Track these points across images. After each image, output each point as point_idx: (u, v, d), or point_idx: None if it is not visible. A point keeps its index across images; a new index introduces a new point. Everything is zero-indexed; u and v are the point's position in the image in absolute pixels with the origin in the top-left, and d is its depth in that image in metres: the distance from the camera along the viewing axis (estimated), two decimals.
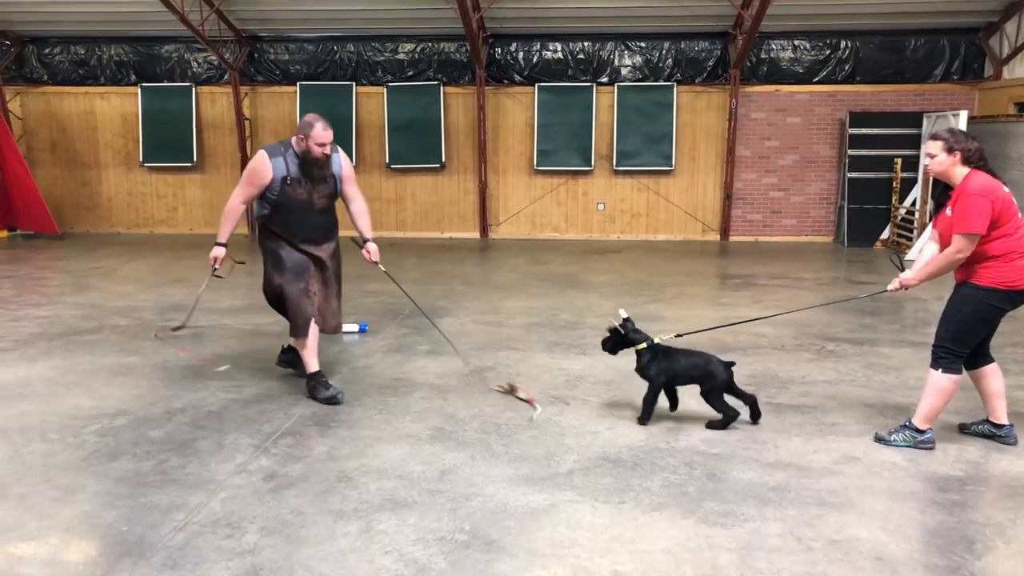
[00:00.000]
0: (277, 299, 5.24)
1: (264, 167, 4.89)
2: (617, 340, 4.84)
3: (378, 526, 3.53)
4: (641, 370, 4.78)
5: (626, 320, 4.85)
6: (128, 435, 4.57)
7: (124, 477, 4.01)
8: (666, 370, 4.71)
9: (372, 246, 5.28)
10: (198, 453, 4.32)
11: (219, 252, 5.18)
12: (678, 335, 5.00)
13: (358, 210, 5.27)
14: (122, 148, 14.05)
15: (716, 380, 4.65)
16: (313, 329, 5.15)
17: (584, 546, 3.38)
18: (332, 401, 5.09)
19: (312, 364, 5.19)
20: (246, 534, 3.45)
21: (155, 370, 5.86)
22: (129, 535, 3.43)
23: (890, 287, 4.53)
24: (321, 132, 4.80)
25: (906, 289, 4.46)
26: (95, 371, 5.82)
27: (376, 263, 5.32)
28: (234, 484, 3.94)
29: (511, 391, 5.31)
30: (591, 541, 3.43)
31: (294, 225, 5.02)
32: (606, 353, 4.96)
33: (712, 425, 4.69)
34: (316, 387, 5.15)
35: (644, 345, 4.76)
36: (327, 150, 4.87)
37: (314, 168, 4.92)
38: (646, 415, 4.77)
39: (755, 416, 4.76)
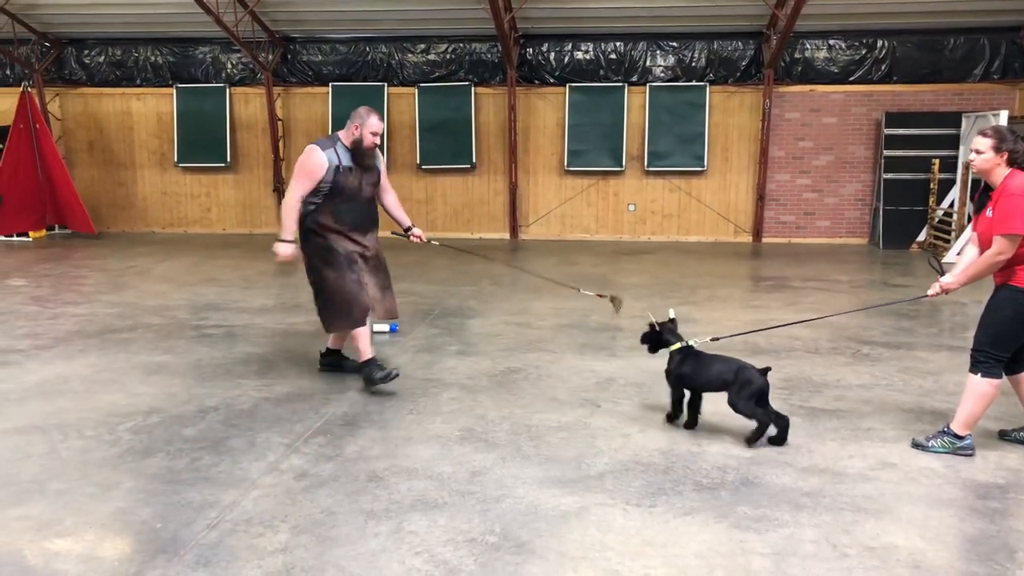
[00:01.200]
0: (321, 288, 5.35)
1: (319, 159, 5.08)
2: (654, 336, 4.79)
3: (408, 527, 3.53)
4: (670, 372, 4.71)
5: (672, 320, 4.80)
6: (162, 433, 4.62)
7: (158, 474, 4.05)
8: (697, 374, 4.61)
9: (416, 231, 5.67)
10: (231, 451, 4.36)
11: (286, 249, 5.23)
12: (714, 339, 4.92)
13: (393, 201, 5.57)
14: (157, 148, 14.26)
15: (751, 387, 4.46)
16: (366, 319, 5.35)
17: (615, 549, 3.36)
18: (389, 378, 5.25)
19: (367, 351, 5.34)
20: (278, 533, 3.46)
21: (188, 368, 5.93)
22: (163, 532, 3.46)
23: (930, 292, 4.44)
24: (376, 122, 5.12)
25: (947, 293, 4.38)
26: (130, 369, 5.90)
27: (427, 241, 5.77)
28: (266, 483, 3.96)
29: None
30: (622, 544, 3.40)
31: (345, 213, 5.20)
32: (644, 349, 4.88)
33: (751, 440, 4.46)
34: (372, 370, 5.29)
35: (678, 346, 4.69)
36: (378, 140, 5.18)
37: (364, 157, 5.18)
38: (675, 412, 4.74)
39: (780, 439, 4.49)
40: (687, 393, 4.73)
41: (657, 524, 3.58)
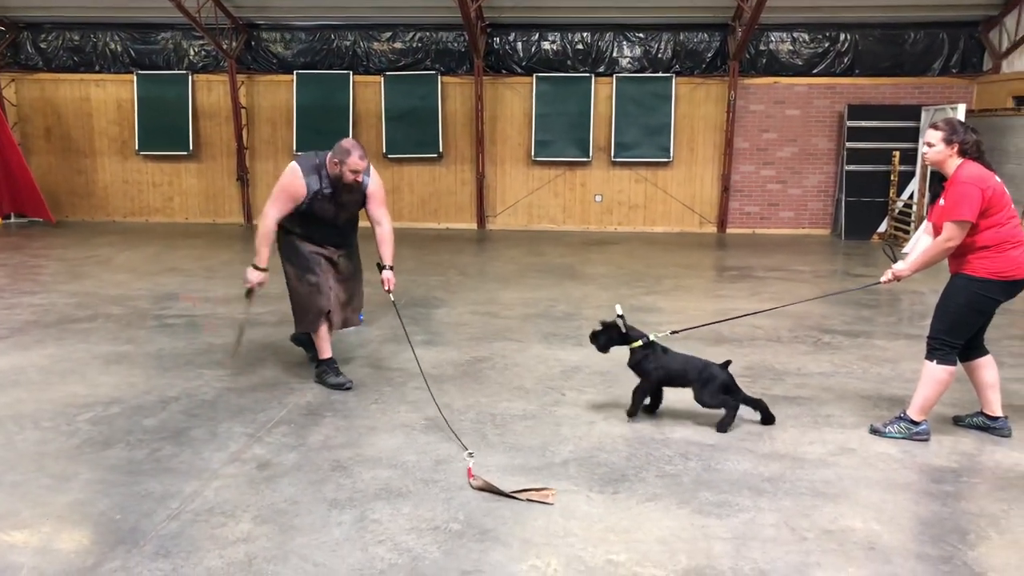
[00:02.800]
0: (289, 290, 5.26)
1: (299, 184, 4.91)
2: (613, 336, 4.72)
3: (372, 515, 3.52)
4: (636, 365, 4.68)
5: (620, 317, 4.73)
6: (122, 423, 4.56)
7: (117, 465, 4.00)
8: (662, 368, 4.63)
9: (387, 273, 5.18)
10: (192, 442, 4.31)
11: (258, 277, 5.02)
12: (674, 332, 4.94)
13: (383, 235, 5.20)
14: (117, 136, 13.99)
15: (715, 382, 4.55)
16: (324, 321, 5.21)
17: (578, 536, 3.38)
18: (340, 387, 5.19)
19: (326, 351, 5.29)
20: (240, 523, 3.44)
21: (149, 359, 5.85)
22: (122, 523, 3.42)
23: (883, 278, 4.52)
24: (357, 160, 4.84)
25: (898, 280, 4.45)
26: (89, 359, 5.81)
27: (388, 292, 5.18)
28: (228, 473, 3.93)
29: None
30: (585, 531, 3.42)
31: (314, 234, 5.11)
32: (596, 350, 4.80)
33: (722, 427, 4.54)
34: (327, 372, 5.26)
35: (640, 343, 4.66)
36: (359, 178, 4.93)
37: (344, 193, 5.00)
38: (635, 408, 4.72)
39: (767, 419, 4.64)
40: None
41: (620, 510, 3.61)
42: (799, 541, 3.38)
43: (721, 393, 4.56)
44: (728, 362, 4.69)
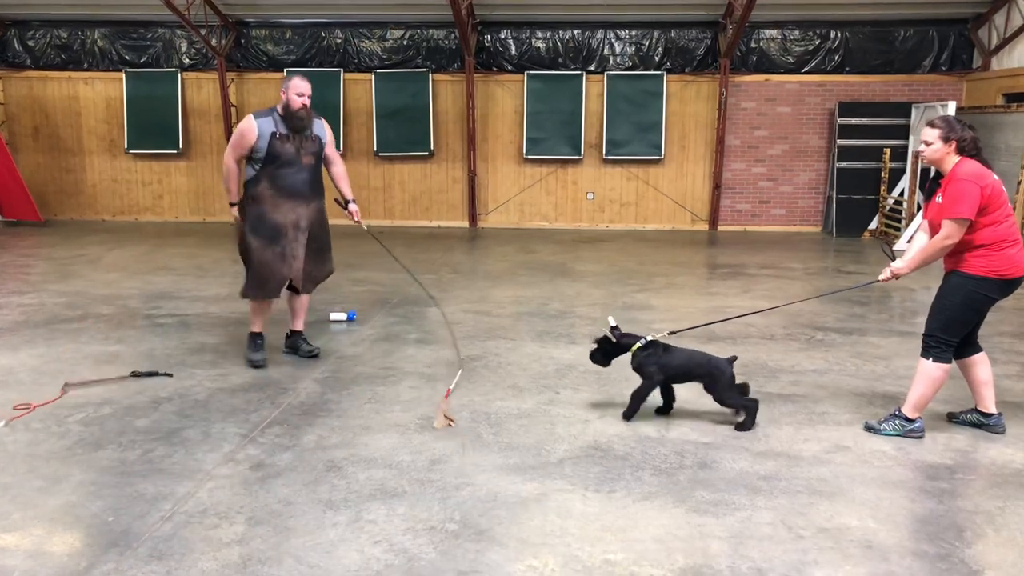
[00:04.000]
0: (246, 256, 5.49)
1: (249, 127, 5.25)
2: (609, 349, 4.68)
3: (367, 516, 3.50)
4: (639, 367, 4.62)
5: (614, 328, 4.69)
6: (113, 424, 4.52)
7: (110, 467, 3.96)
8: (665, 367, 4.58)
9: (353, 207, 5.72)
10: (185, 442, 4.28)
11: (238, 212, 5.48)
12: (671, 332, 4.85)
13: (339, 172, 5.67)
14: (106, 134, 13.89)
15: (724, 377, 4.52)
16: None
17: (575, 535, 3.37)
18: (254, 365, 5.53)
19: (257, 325, 5.63)
20: (234, 524, 3.41)
21: (141, 358, 5.80)
22: (115, 525, 3.38)
23: (881, 276, 4.52)
24: (299, 82, 5.23)
25: (897, 278, 4.46)
26: (80, 359, 5.76)
27: (358, 222, 5.81)
28: (222, 474, 3.90)
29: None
30: (582, 530, 3.41)
31: (281, 178, 5.31)
32: (598, 365, 4.81)
33: (742, 426, 4.51)
34: (251, 348, 5.62)
35: (639, 344, 4.62)
36: (306, 100, 5.25)
37: (295, 120, 5.25)
38: (632, 411, 4.65)
39: (748, 424, 4.55)
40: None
41: (616, 509, 3.60)
42: (796, 539, 3.37)
43: (733, 388, 4.56)
44: (734, 358, 4.67)
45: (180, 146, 13.63)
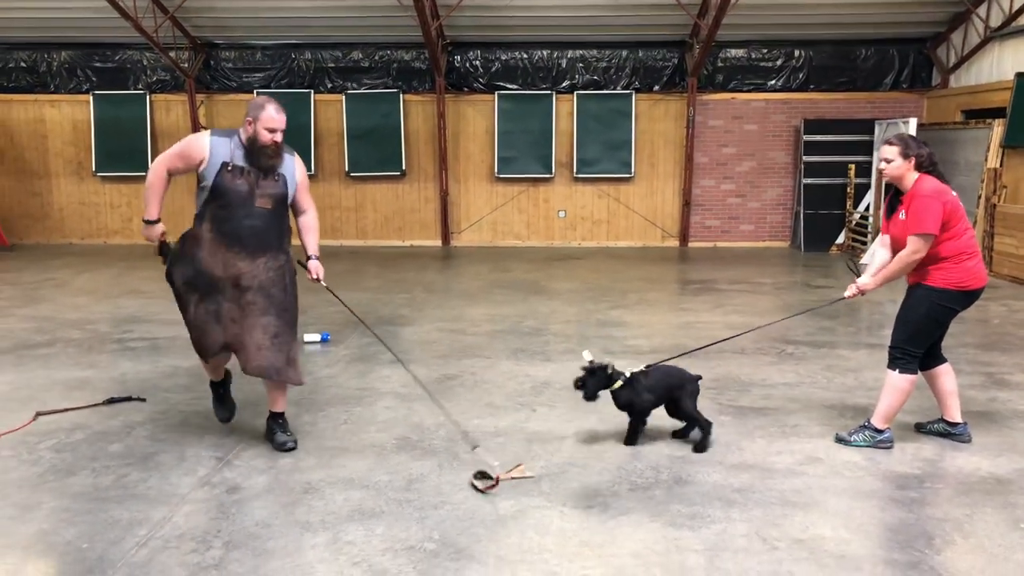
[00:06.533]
0: (179, 303, 4.45)
1: (199, 143, 4.23)
2: (600, 380, 4.45)
3: (346, 537, 3.49)
4: (628, 405, 4.51)
5: (591, 362, 4.50)
6: (86, 450, 4.47)
7: (83, 493, 3.92)
8: (650, 396, 4.50)
9: (314, 263, 4.53)
10: (159, 467, 4.24)
11: (150, 232, 4.43)
12: (648, 366, 4.65)
13: (307, 223, 4.53)
14: (74, 157, 13.77)
15: (694, 387, 4.56)
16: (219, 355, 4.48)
17: (553, 551, 3.39)
18: (221, 418, 4.76)
19: (210, 373, 4.69)
20: (211, 548, 3.39)
21: (112, 383, 5.74)
22: (90, 552, 3.35)
23: (847, 293, 4.61)
24: (273, 115, 4.14)
25: (863, 294, 4.55)
26: (50, 385, 5.69)
27: (318, 279, 4.54)
28: (198, 497, 3.87)
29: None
30: (560, 546, 3.43)
31: (225, 221, 4.22)
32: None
33: (700, 447, 4.47)
34: (213, 398, 4.77)
35: (620, 383, 4.47)
36: (277, 137, 4.19)
37: (261, 157, 4.20)
38: (632, 439, 4.57)
39: (705, 445, 4.51)
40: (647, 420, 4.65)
41: (594, 525, 3.63)
42: (771, 551, 3.42)
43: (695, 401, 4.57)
44: (699, 377, 4.69)
45: (149, 168, 13.52)
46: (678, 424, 4.69)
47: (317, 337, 6.91)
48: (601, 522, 3.66)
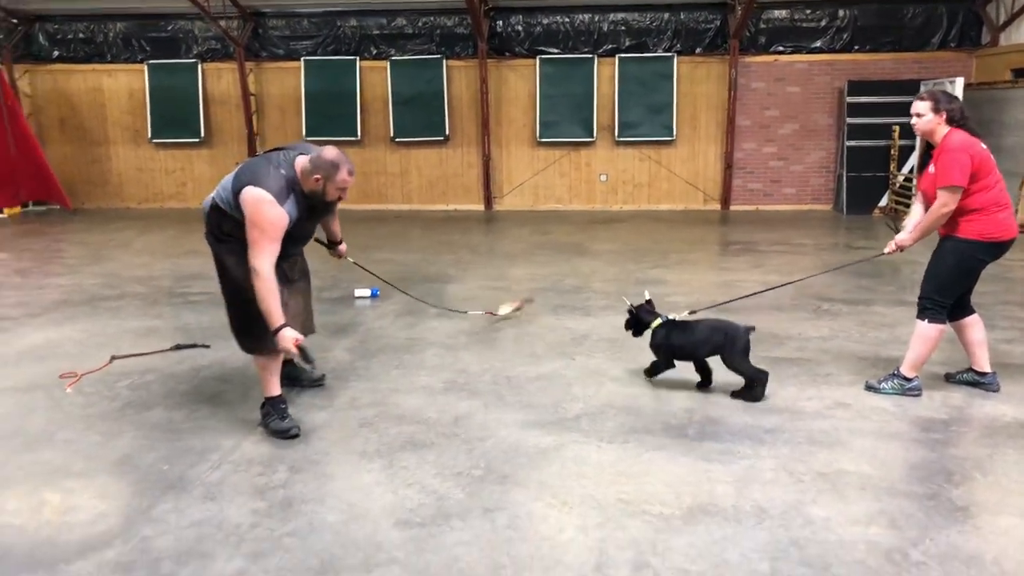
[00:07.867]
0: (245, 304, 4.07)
1: (283, 219, 3.88)
2: (645, 312, 4.85)
3: (400, 463, 3.80)
4: (657, 347, 4.79)
5: (648, 301, 4.90)
6: (158, 389, 4.84)
7: (159, 424, 4.29)
8: (681, 345, 4.71)
9: (342, 246, 4.88)
10: (226, 404, 4.59)
11: (286, 339, 3.83)
12: (692, 312, 5.01)
13: (333, 219, 4.76)
14: (130, 125, 14.25)
15: (740, 341, 4.60)
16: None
17: (591, 479, 3.65)
18: (286, 435, 4.14)
19: (275, 386, 4.28)
20: (277, 472, 3.72)
21: (178, 332, 6.12)
22: (170, 473, 3.71)
23: (886, 249, 4.75)
24: (346, 177, 3.98)
25: (901, 250, 4.67)
26: (121, 333, 6.09)
27: (344, 257, 4.91)
28: (262, 430, 4.20)
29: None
30: (597, 474, 3.69)
31: (283, 250, 4.00)
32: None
33: (751, 396, 4.60)
34: (271, 414, 4.22)
35: (659, 322, 4.78)
36: (345, 195, 4.12)
37: (322, 206, 4.18)
38: (654, 372, 4.87)
39: (759, 395, 4.62)
40: (675, 364, 4.84)
41: (629, 458, 3.88)
42: (796, 483, 3.64)
43: (746, 356, 4.62)
44: (752, 328, 4.70)
45: (202, 135, 13.97)
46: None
47: (368, 292, 7.23)
48: (636, 455, 3.90)
